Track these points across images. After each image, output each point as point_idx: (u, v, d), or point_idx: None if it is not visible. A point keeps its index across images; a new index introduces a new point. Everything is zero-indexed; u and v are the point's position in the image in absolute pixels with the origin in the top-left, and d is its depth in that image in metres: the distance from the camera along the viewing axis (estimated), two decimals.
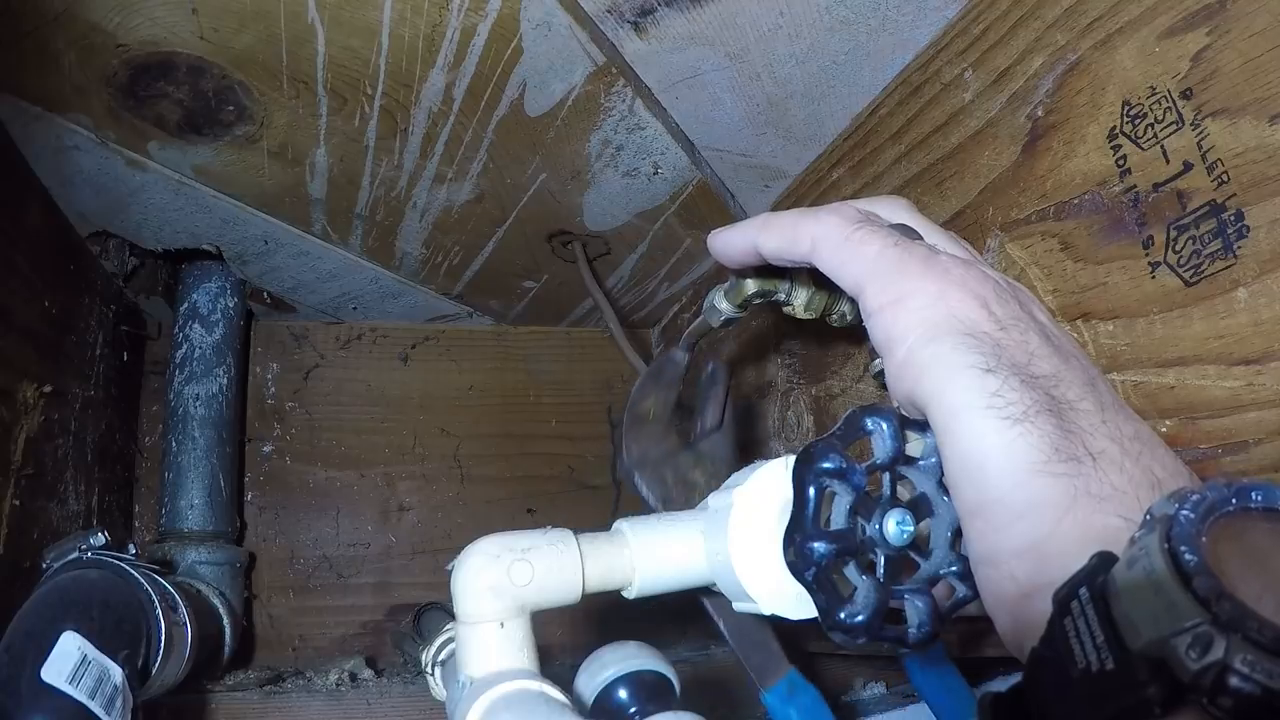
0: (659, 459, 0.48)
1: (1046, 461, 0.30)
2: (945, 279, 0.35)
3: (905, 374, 0.34)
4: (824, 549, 0.33)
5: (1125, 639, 0.23)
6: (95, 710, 0.43)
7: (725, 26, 0.55)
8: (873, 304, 0.36)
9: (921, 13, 0.53)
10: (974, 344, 0.33)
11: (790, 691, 0.42)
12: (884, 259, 0.36)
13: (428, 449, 1.02)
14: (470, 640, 0.36)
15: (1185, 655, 0.21)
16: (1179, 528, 0.23)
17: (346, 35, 0.56)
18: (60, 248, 0.73)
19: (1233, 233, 0.37)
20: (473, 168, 0.71)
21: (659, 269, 0.92)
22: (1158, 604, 0.22)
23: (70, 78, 0.58)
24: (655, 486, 0.47)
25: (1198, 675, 0.21)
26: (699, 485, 0.48)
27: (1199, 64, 0.38)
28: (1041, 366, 0.33)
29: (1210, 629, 0.21)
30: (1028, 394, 0.31)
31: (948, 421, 0.32)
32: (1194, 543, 0.22)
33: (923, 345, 0.34)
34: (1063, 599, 0.26)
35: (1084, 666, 0.24)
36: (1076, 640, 0.24)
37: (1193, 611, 0.21)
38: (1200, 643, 0.21)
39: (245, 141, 0.66)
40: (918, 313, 0.34)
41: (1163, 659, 0.21)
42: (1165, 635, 0.21)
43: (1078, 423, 0.31)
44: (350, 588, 0.95)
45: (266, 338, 0.99)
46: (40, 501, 0.64)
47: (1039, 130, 0.47)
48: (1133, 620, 0.23)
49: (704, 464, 0.49)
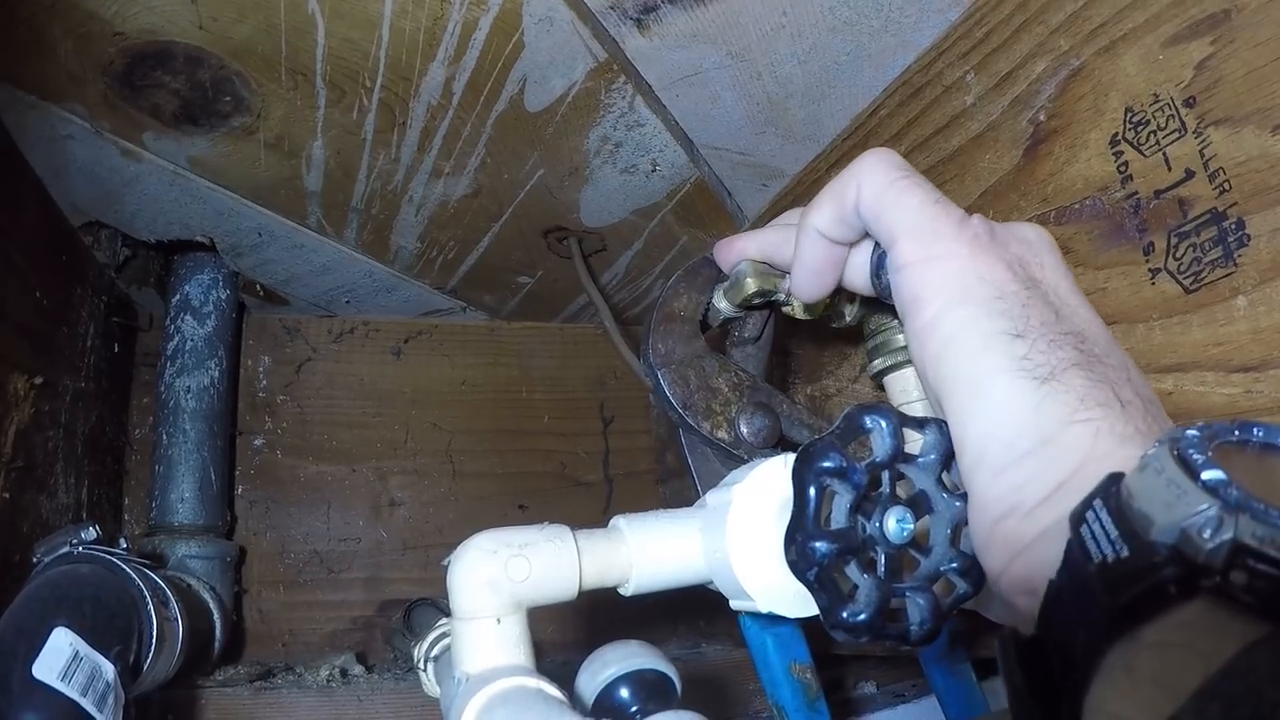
0: (684, 359, 0.46)
1: (1074, 411, 0.30)
2: (976, 242, 0.35)
3: (931, 336, 0.34)
4: (826, 548, 0.33)
5: (1139, 530, 0.24)
6: (87, 708, 0.43)
7: (728, 25, 0.55)
8: (905, 258, 0.35)
9: (924, 15, 0.53)
10: (1003, 308, 0.33)
11: (771, 618, 0.42)
12: (923, 213, 0.35)
13: (420, 444, 1.01)
14: (466, 636, 0.36)
15: (1198, 536, 0.22)
16: (1186, 440, 0.24)
17: (347, 27, 0.55)
18: (53, 238, 0.72)
19: (1233, 241, 0.37)
20: (470, 162, 0.71)
21: (654, 266, 0.92)
22: (1169, 495, 0.23)
23: (66, 66, 0.57)
24: (676, 387, 0.45)
25: (1211, 554, 0.22)
26: (722, 393, 0.46)
27: (1203, 72, 0.38)
28: (1070, 323, 0.34)
29: (1220, 512, 0.22)
30: (1055, 352, 0.32)
31: (976, 386, 0.32)
32: (1202, 449, 0.24)
33: (951, 308, 0.33)
34: (1078, 513, 0.27)
35: (1100, 560, 0.25)
36: (1092, 541, 0.25)
37: (1202, 499, 0.23)
38: (1211, 524, 0.22)
39: (242, 133, 0.66)
40: (949, 275, 0.34)
41: (1176, 544, 0.23)
42: (1178, 521, 0.23)
43: (1107, 375, 0.32)
44: (341, 583, 0.94)
45: (259, 330, 0.98)
46: (30, 494, 0.64)
47: (1041, 134, 0.48)
48: (1146, 513, 0.24)
49: (731, 373, 0.47)
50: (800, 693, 0.44)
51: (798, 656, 0.45)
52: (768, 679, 0.45)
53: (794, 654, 0.45)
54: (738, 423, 0.46)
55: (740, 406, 0.46)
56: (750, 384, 0.47)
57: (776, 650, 0.44)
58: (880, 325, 0.49)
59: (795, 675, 0.44)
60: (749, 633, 0.45)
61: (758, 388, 0.47)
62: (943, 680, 0.58)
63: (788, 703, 0.44)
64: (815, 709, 0.44)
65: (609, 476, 1.08)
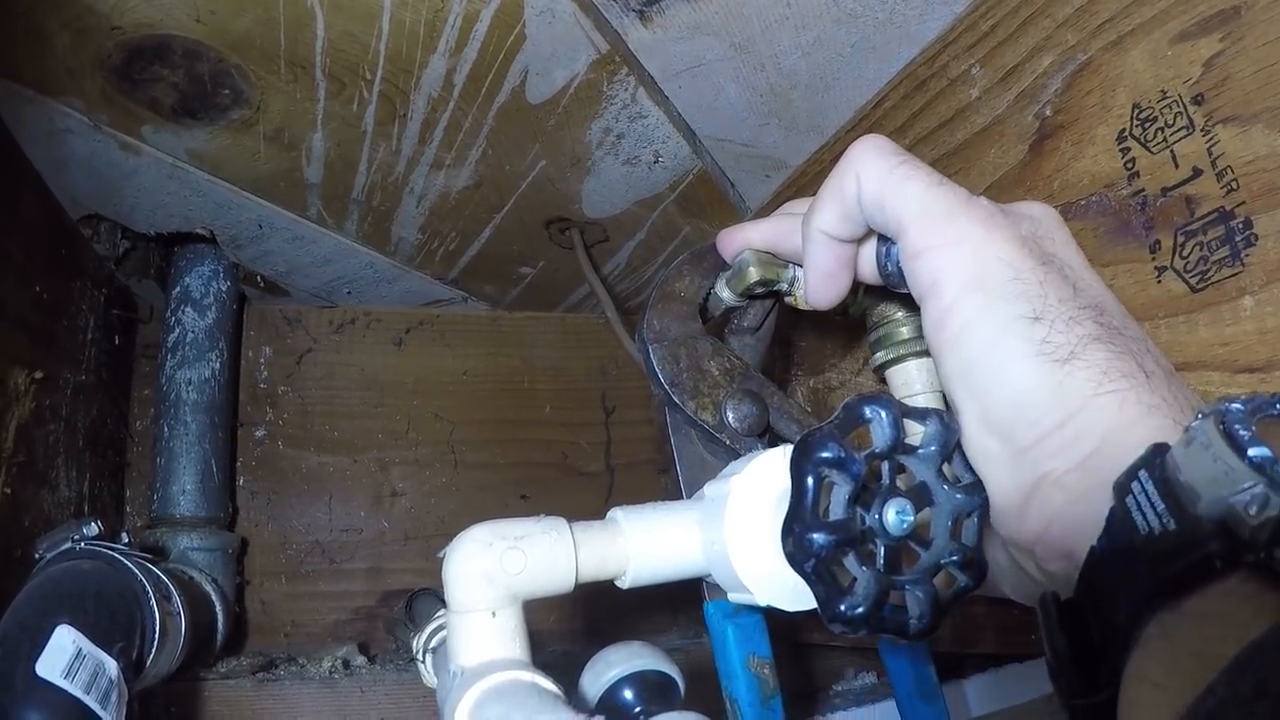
0: (678, 338, 0.45)
1: (1098, 385, 0.30)
2: (989, 222, 0.34)
3: (950, 322, 0.33)
4: (823, 540, 0.32)
5: (1186, 504, 0.24)
6: (91, 705, 0.43)
7: (731, 17, 0.55)
8: (917, 245, 0.35)
9: (929, 7, 0.53)
10: (1020, 289, 0.32)
11: (736, 609, 0.41)
12: (929, 197, 0.35)
13: (421, 434, 1.01)
14: (461, 629, 0.35)
15: (1244, 512, 0.23)
16: (1231, 414, 0.24)
17: (346, 19, 0.55)
18: (52, 232, 0.72)
19: (1240, 240, 0.37)
20: (472, 154, 0.70)
21: (656, 256, 0.91)
22: (1216, 470, 0.24)
23: (64, 60, 0.57)
24: (666, 364, 0.45)
25: (1256, 530, 0.22)
26: (712, 375, 0.46)
27: (1211, 69, 0.38)
28: (1088, 295, 0.33)
29: (1267, 490, 0.22)
30: (1075, 328, 0.32)
31: (997, 370, 0.32)
32: (1247, 424, 0.24)
33: (969, 293, 0.33)
34: (1122, 483, 0.27)
35: (1146, 532, 0.25)
36: (1138, 513, 0.26)
37: (1249, 476, 0.23)
38: (1257, 501, 0.23)
39: (241, 125, 0.65)
40: (965, 258, 0.33)
41: (1222, 519, 0.23)
42: (1225, 497, 0.23)
43: (1129, 346, 0.32)
44: (343, 573, 0.94)
45: (259, 321, 0.98)
46: (31, 489, 0.64)
47: (1047, 130, 0.47)
48: (1193, 486, 0.24)
49: (725, 358, 0.46)
50: (755, 687, 0.43)
51: (757, 650, 0.44)
52: (724, 670, 0.44)
53: (754, 647, 0.44)
54: (724, 407, 0.45)
55: (729, 392, 0.46)
56: (743, 371, 0.47)
57: (736, 642, 0.44)
58: (884, 318, 0.49)
59: (752, 669, 0.43)
60: (710, 621, 0.44)
61: (750, 376, 0.47)
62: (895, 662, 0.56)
63: (741, 697, 0.43)
64: (770, 706, 0.43)
65: (611, 466, 1.08)
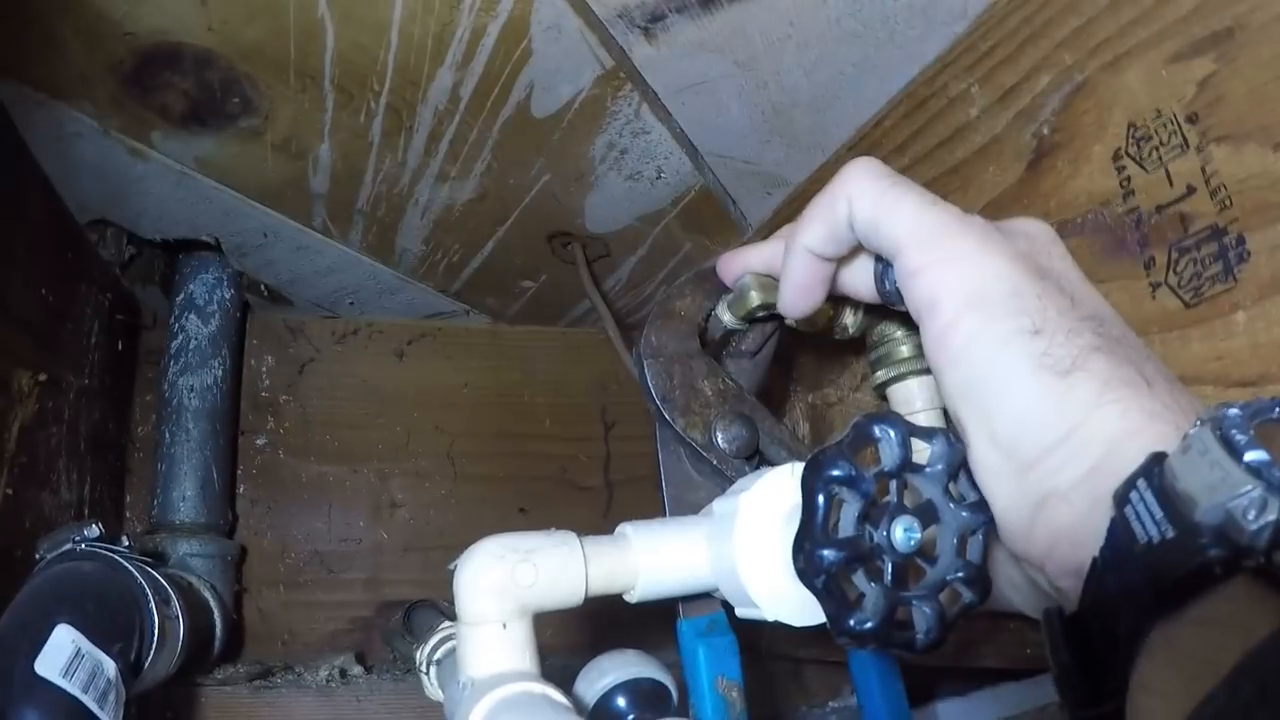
0: (673, 355, 0.46)
1: (1100, 395, 0.31)
2: (984, 239, 0.34)
3: (949, 339, 0.34)
4: (834, 556, 0.33)
5: (1184, 511, 0.24)
6: (89, 704, 0.43)
7: (735, 35, 0.56)
8: (913, 265, 0.35)
9: (930, 28, 0.54)
10: (1019, 304, 0.32)
11: (709, 629, 0.41)
12: (923, 217, 0.35)
13: (421, 446, 1.01)
14: (472, 641, 0.36)
15: (1243, 518, 0.23)
16: (1228, 419, 0.24)
17: (356, 31, 0.56)
18: (59, 235, 0.72)
19: (1233, 256, 0.38)
20: (476, 167, 0.71)
21: (658, 272, 0.92)
22: (1213, 477, 0.24)
23: (75, 65, 0.58)
24: (659, 379, 0.45)
25: (1255, 534, 0.23)
26: (705, 395, 0.46)
27: (1205, 89, 0.39)
28: (1086, 307, 0.34)
29: (1265, 494, 0.23)
30: (1075, 340, 0.32)
31: (999, 386, 0.32)
32: (1244, 429, 0.24)
33: (968, 310, 0.33)
34: (1121, 493, 0.27)
35: (1146, 542, 0.25)
36: (1137, 522, 0.26)
37: (1246, 481, 0.23)
38: (1255, 505, 0.23)
39: (249, 134, 0.66)
40: (962, 275, 0.34)
41: (1221, 525, 0.23)
42: (1222, 502, 0.23)
43: (1129, 355, 0.32)
44: (341, 583, 0.94)
45: (262, 330, 0.98)
46: (32, 491, 0.64)
47: (1044, 148, 0.48)
48: (1190, 494, 0.24)
49: (719, 379, 0.46)
50: (723, 710, 0.43)
51: (727, 672, 0.44)
52: (693, 689, 0.44)
53: (723, 668, 0.44)
54: (714, 427, 0.46)
55: (720, 412, 0.46)
56: (736, 394, 0.47)
57: (706, 661, 0.44)
58: (883, 337, 0.50)
59: (720, 691, 0.43)
60: (682, 639, 0.44)
61: (743, 399, 0.47)
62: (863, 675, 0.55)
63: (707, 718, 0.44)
64: None
65: (609, 481, 1.08)
